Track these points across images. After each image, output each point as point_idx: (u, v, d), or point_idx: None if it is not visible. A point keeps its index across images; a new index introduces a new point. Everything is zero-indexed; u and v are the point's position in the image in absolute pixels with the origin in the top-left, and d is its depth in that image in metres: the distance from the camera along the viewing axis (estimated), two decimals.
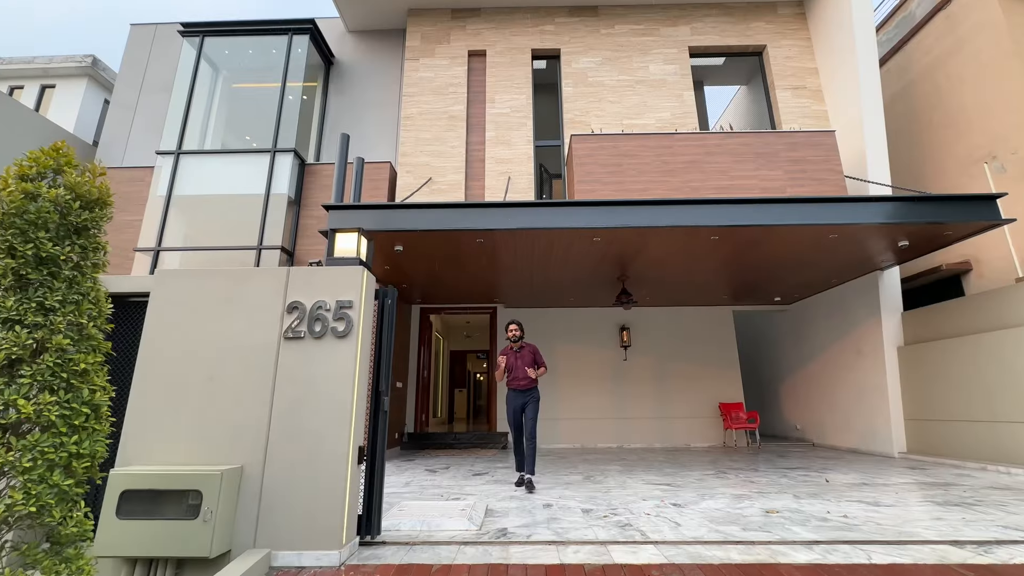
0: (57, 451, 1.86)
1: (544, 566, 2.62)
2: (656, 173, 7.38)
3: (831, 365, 8.84)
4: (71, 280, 2.05)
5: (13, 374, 1.85)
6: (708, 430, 9.32)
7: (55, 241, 2.03)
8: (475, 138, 8.91)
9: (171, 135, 8.55)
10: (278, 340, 2.96)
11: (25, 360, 1.88)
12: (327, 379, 2.92)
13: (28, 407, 1.80)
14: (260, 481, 2.75)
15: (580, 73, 9.16)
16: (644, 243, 6.27)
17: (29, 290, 1.94)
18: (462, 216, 5.84)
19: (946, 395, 6.64)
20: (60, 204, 2.07)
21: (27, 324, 1.90)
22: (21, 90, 12.02)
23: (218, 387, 2.89)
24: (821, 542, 2.94)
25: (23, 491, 1.76)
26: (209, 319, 2.99)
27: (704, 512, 3.80)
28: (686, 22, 9.42)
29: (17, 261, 1.93)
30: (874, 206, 5.72)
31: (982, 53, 7.74)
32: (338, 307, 2.97)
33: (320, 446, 2.83)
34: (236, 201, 8.11)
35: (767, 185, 7.34)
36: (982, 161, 7.67)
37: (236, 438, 2.82)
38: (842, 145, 8.19)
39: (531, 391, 5.19)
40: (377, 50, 10.03)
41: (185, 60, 9.03)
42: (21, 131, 8.97)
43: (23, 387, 1.83)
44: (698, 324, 9.77)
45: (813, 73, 9.03)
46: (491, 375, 9.96)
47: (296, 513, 2.71)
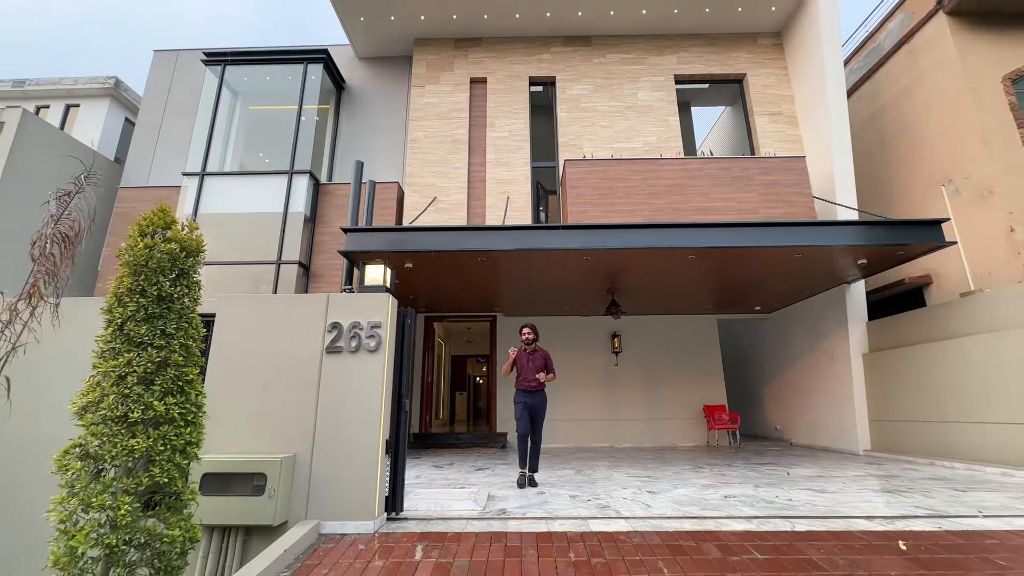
0: (178, 439, 2.55)
1: (536, 533, 3.32)
2: (642, 195, 8.09)
3: (807, 370, 9.54)
4: (181, 312, 2.75)
5: (148, 383, 2.54)
6: (693, 430, 10.00)
7: (171, 283, 2.72)
8: (476, 160, 9.62)
9: (196, 157, 9.25)
10: (321, 354, 3.66)
11: (154, 372, 2.57)
12: (361, 386, 3.61)
13: (160, 407, 2.49)
14: (309, 467, 3.44)
15: (574, 99, 9.89)
16: (630, 261, 6.98)
17: (155, 321, 2.63)
18: (466, 238, 6.54)
19: (904, 398, 7.34)
20: (171, 254, 2.76)
21: (155, 346, 2.59)
22: (47, 109, 12.70)
23: (272, 392, 3.58)
24: (759, 517, 3.64)
25: (159, 466, 2.45)
26: (264, 336, 3.68)
27: (673, 497, 4.49)
28: (672, 51, 10.16)
29: (146, 299, 2.62)
30: (833, 229, 6.43)
31: (939, 86, 8.48)
32: (370, 327, 3.67)
33: (356, 439, 3.53)
34: (256, 219, 8.80)
35: (743, 207, 8.05)
36: (941, 184, 8.40)
37: (288, 432, 3.51)
38: (814, 168, 8.94)
39: (540, 392, 5.35)
40: (385, 76, 10.76)
41: (208, 87, 9.74)
42: (51, 149, 9.64)
43: (155, 392, 2.52)
44: (684, 332, 10.46)
45: (789, 100, 9.77)
46: (491, 378, 10.66)
47: (338, 492, 3.40)
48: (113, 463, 2.40)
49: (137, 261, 2.67)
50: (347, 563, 2.86)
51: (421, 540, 3.23)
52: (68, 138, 10.11)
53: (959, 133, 8.14)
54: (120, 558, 2.32)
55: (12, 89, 12.58)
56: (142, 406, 2.47)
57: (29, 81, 12.60)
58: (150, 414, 2.47)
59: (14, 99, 12.73)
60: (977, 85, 8.03)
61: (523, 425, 5.30)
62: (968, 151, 7.98)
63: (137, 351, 2.55)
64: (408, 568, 2.79)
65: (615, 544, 3.09)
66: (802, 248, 6.41)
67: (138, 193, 9.50)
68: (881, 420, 7.82)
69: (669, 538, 3.19)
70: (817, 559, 2.80)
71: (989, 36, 8.25)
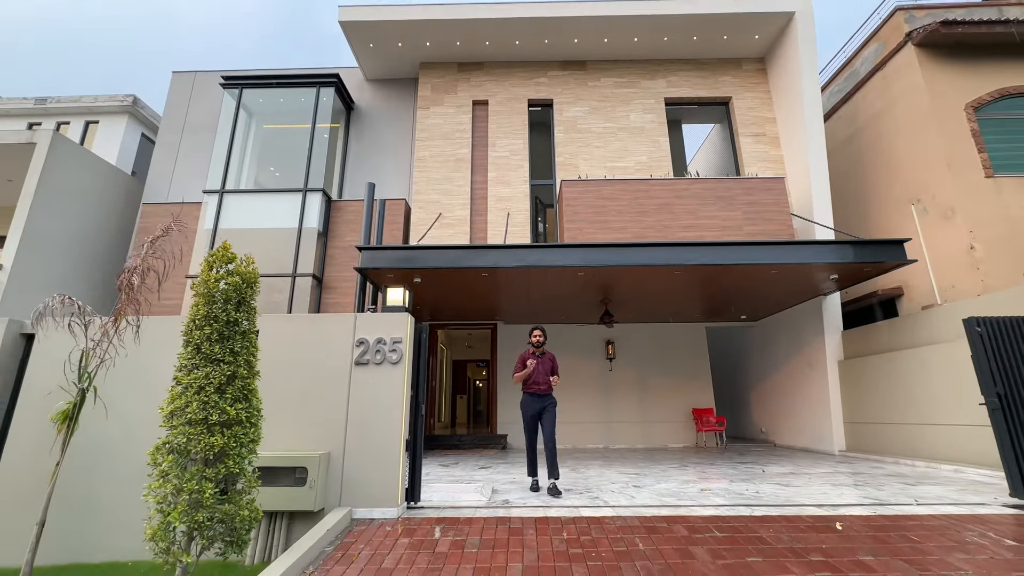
0: (244, 437, 3.16)
1: (534, 518, 3.92)
2: (633, 214, 8.72)
3: (789, 376, 10.16)
4: (243, 333, 3.35)
5: (222, 392, 3.14)
6: (683, 432, 10.60)
7: (235, 309, 3.33)
8: (479, 178, 10.25)
9: (215, 175, 9.85)
10: (350, 365, 4.26)
11: (225, 383, 3.17)
12: (384, 393, 4.21)
13: (232, 411, 3.09)
14: (342, 462, 4.04)
15: (570, 121, 10.53)
16: (620, 276, 7.60)
17: (224, 341, 3.23)
18: (470, 256, 7.16)
19: (874, 403, 7.96)
20: (235, 286, 3.36)
21: (225, 362, 3.19)
22: (67, 125, 13.27)
23: (310, 398, 4.18)
24: (726, 505, 4.25)
25: (232, 459, 3.05)
26: (301, 350, 4.28)
27: (655, 490, 5.09)
28: (663, 76, 10.81)
29: (218, 324, 3.22)
30: (806, 248, 7.07)
31: (908, 112, 9.14)
32: (392, 342, 4.28)
33: (380, 439, 4.12)
34: (273, 234, 9.40)
35: (727, 224, 8.69)
36: (911, 203, 9.05)
37: (323, 433, 4.11)
38: (794, 186, 9.60)
39: (549, 396, 5.31)
40: (392, 97, 11.39)
41: (226, 109, 10.36)
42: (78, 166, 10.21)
43: (227, 399, 3.12)
44: (674, 339, 11.07)
45: (771, 122, 10.43)
46: (491, 382, 11.24)
47: (366, 483, 4.00)
48: (197, 456, 3.00)
49: (209, 292, 3.28)
50: (379, 540, 3.46)
51: (438, 523, 3.83)
52: (94, 156, 10.68)
53: (926, 156, 8.79)
54: (204, 532, 2.92)
55: (35, 106, 13.18)
56: (218, 411, 3.07)
57: (51, 99, 13.19)
58: (224, 417, 3.07)
59: (36, 115, 13.33)
60: (942, 112, 8.68)
61: (530, 436, 5.30)
62: (934, 173, 8.63)
63: (212, 366, 3.16)
64: (430, 544, 3.39)
65: (601, 526, 3.69)
66: (778, 265, 7.04)
67: (160, 209, 10.09)
68: (855, 422, 8.43)
69: (646, 521, 3.79)
70: (766, 536, 3.41)
71: (953, 67, 8.91)
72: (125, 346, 3.67)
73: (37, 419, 4.13)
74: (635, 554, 3.13)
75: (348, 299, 9.29)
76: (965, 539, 3.32)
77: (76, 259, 9.94)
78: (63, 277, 9.58)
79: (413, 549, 3.32)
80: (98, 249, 10.42)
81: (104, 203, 10.65)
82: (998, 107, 8.72)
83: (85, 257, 10.12)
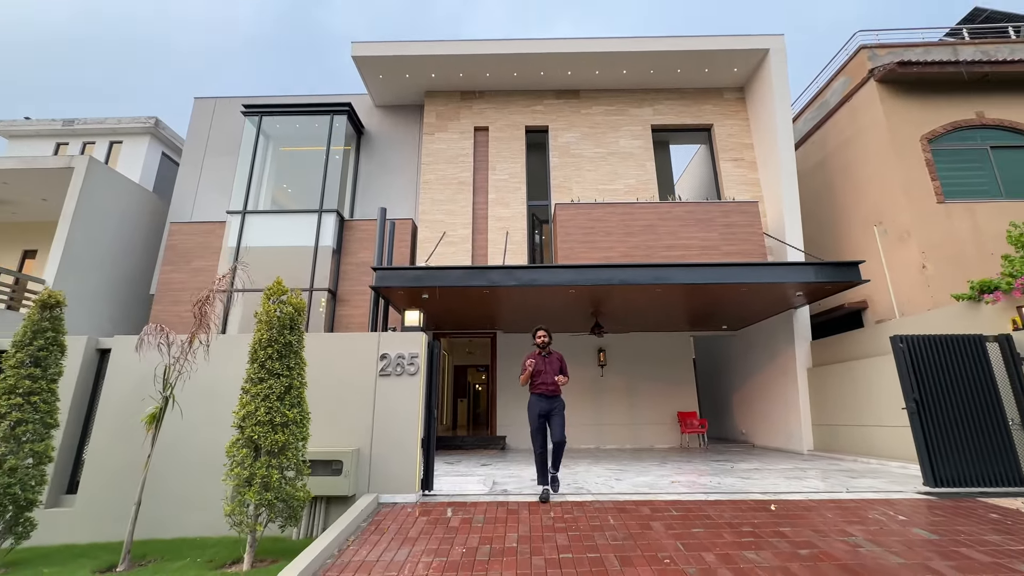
0: (299, 435, 4.01)
1: (528, 502, 4.77)
2: (620, 234, 9.60)
3: (766, 382, 11.03)
4: (295, 352, 4.21)
5: (282, 399, 3.99)
6: (669, 434, 11.46)
7: (289, 332, 4.18)
8: (480, 199, 11.12)
9: (238, 196, 10.72)
10: (375, 376, 5.12)
11: (284, 392, 4.02)
12: (404, 399, 5.07)
13: (290, 414, 3.95)
14: (369, 456, 4.89)
15: (564, 146, 11.42)
16: (608, 292, 8.46)
17: (282, 359, 4.09)
18: (472, 276, 8.01)
19: (837, 406, 8.83)
20: (290, 315, 4.22)
21: (283, 375, 4.05)
22: (93, 145, 14.13)
23: (343, 403, 5.04)
24: (688, 492, 5.10)
25: (291, 451, 3.90)
26: (335, 364, 5.14)
27: (633, 482, 5.95)
28: (649, 104, 11.72)
29: (277, 345, 4.08)
30: (774, 269, 7.96)
31: (871, 142, 10.05)
32: (410, 356, 5.14)
33: (401, 438, 4.98)
34: (292, 252, 10.26)
35: (706, 244, 9.57)
36: (873, 225, 9.94)
37: (354, 432, 4.96)
38: (770, 207, 10.50)
39: (557, 397, 5.17)
40: (399, 122, 12.28)
41: (247, 135, 11.23)
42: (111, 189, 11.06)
43: (286, 404, 3.98)
44: (661, 347, 11.94)
45: (749, 147, 11.33)
46: (490, 386, 12.08)
47: (390, 474, 4.85)
48: (264, 449, 3.85)
49: (270, 320, 4.14)
50: (402, 518, 4.32)
51: (449, 506, 4.68)
52: (123, 178, 11.53)
53: (886, 182, 9.69)
54: (271, 508, 3.78)
55: (63, 128, 14.04)
56: (280, 414, 3.93)
57: (77, 120, 14.05)
58: (284, 419, 3.93)
59: (63, 136, 14.20)
60: (900, 142, 9.59)
61: (538, 442, 5.05)
62: (892, 198, 9.53)
63: (274, 379, 4.02)
64: (443, 520, 4.24)
65: (581, 508, 4.55)
66: (747, 285, 7.92)
67: (187, 228, 10.92)
68: (821, 424, 9.29)
69: (619, 504, 4.65)
70: (712, 514, 4.26)
71: (911, 101, 9.82)
72: (196, 362, 4.52)
73: (114, 417, 4.98)
74: (606, 527, 3.99)
75: (360, 311, 10.14)
76: (869, 516, 4.18)
77: (107, 273, 10.78)
78: (95, 291, 10.42)
79: (431, 524, 4.17)
80: (126, 264, 11.27)
81: (131, 221, 11.50)
82: (950, 139, 9.63)
83: (115, 272, 10.97)
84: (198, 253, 10.59)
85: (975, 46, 10.26)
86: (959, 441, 5.20)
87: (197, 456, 4.77)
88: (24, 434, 4.05)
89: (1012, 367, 5.44)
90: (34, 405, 4.12)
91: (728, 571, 3.12)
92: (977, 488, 5.02)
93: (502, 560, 3.41)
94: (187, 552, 4.16)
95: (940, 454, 5.17)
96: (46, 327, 4.34)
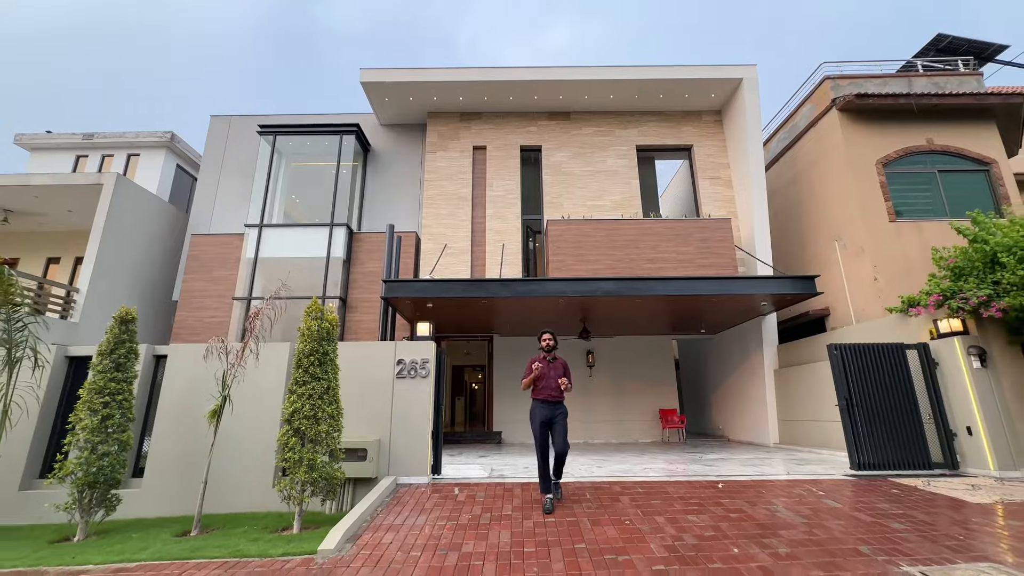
0: (335, 426, 4.97)
1: (521, 483, 5.76)
2: (606, 248, 10.60)
3: (739, 381, 12.08)
4: (331, 360, 5.16)
5: (321, 398, 4.94)
6: (652, 429, 12.48)
7: (327, 343, 5.14)
8: (478, 214, 12.08)
9: (255, 210, 11.61)
10: (393, 378, 6.08)
11: (323, 392, 4.97)
12: (417, 398, 6.03)
13: (329, 410, 4.90)
14: (388, 445, 5.86)
15: (556, 164, 12.40)
16: (595, 302, 9.45)
17: (322, 366, 5.04)
18: (472, 288, 8.99)
19: (799, 403, 9.87)
20: (327, 329, 5.17)
21: (323, 379, 5.00)
22: (112, 158, 14.96)
23: (365, 401, 5.99)
24: (655, 476, 6.11)
25: (329, 439, 4.86)
26: (360, 368, 6.09)
27: (611, 469, 6.94)
28: (635, 125, 12.72)
29: (318, 355, 5.03)
30: (740, 282, 8.97)
31: (832, 164, 11.10)
32: (422, 362, 6.10)
33: (414, 429, 5.94)
34: (306, 262, 11.17)
35: (682, 257, 10.58)
36: (834, 239, 10.99)
37: (375, 425, 5.92)
38: (743, 223, 11.53)
39: (560, 404, 5.03)
40: (403, 140, 13.21)
41: (263, 153, 12.12)
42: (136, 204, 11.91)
43: (326, 402, 4.93)
44: (645, 350, 12.96)
45: (726, 167, 12.36)
46: (486, 385, 13.05)
47: (406, 460, 5.82)
48: (308, 438, 4.81)
49: (311, 333, 5.09)
50: (418, 495, 5.29)
51: (456, 486, 5.66)
52: (147, 193, 12.38)
53: (844, 201, 10.74)
54: (315, 485, 4.73)
55: (83, 141, 14.85)
56: (320, 410, 4.88)
57: (97, 134, 14.86)
58: (324, 413, 4.88)
59: (83, 149, 15.01)
60: (857, 166, 10.63)
61: (541, 448, 4.94)
62: (850, 216, 10.57)
63: (316, 382, 4.97)
64: (452, 496, 5.22)
65: (564, 487, 5.53)
66: (715, 296, 8.93)
67: (208, 239, 11.80)
68: (786, 420, 10.34)
69: (596, 484, 5.64)
70: (670, 491, 5.27)
71: (868, 128, 10.87)
72: (247, 367, 5.45)
73: (172, 413, 5.90)
74: (583, 500, 4.98)
75: (369, 316, 11.07)
76: (794, 492, 5.20)
77: (132, 281, 11.64)
78: (123, 298, 11.27)
79: (442, 499, 5.15)
80: (149, 273, 12.14)
81: (153, 233, 12.37)
82: (902, 163, 10.68)
83: (139, 279, 11.83)
84: (218, 263, 11.48)
85: (927, 78, 11.32)
86: (880, 432, 6.24)
87: (243, 445, 5.71)
88: (111, 426, 4.98)
89: (927, 371, 6.49)
90: (118, 402, 5.06)
91: (672, 527, 4.12)
92: (892, 471, 6.06)
93: (500, 523, 4.39)
94: (242, 523, 5.10)
95: (864, 443, 6.21)
96: (125, 338, 5.27)
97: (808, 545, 3.72)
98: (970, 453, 6.15)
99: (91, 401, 4.95)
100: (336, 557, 3.75)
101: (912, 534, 3.90)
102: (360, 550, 3.87)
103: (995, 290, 6.12)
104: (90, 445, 4.84)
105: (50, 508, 4.81)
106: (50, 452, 5.87)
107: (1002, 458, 5.89)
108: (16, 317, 5.18)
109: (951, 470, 6.12)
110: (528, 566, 3.47)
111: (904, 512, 4.47)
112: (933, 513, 4.45)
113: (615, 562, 3.49)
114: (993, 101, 10.64)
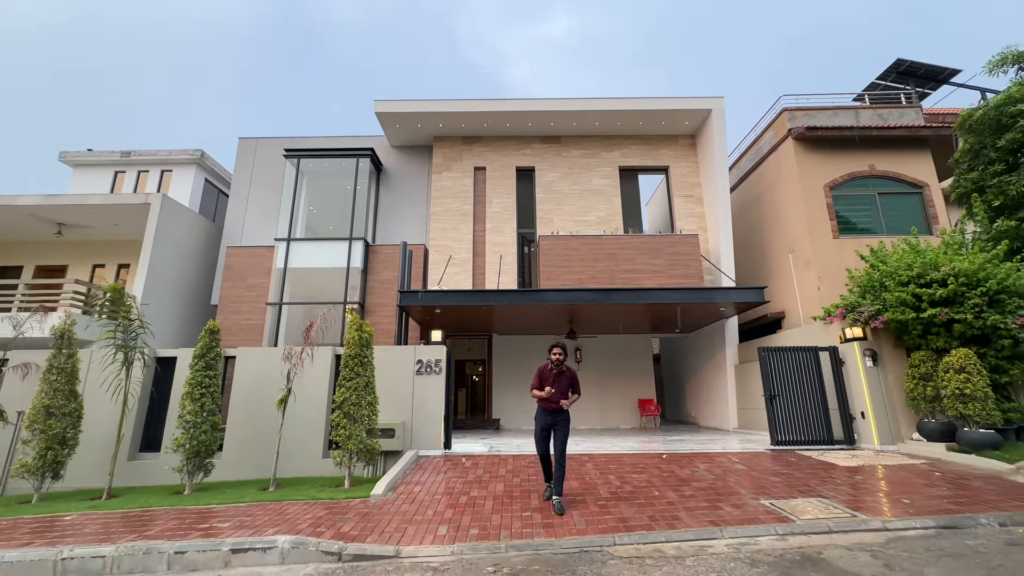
0: (373, 411, 6.67)
1: (514, 455, 7.48)
2: (589, 260, 12.25)
3: (708, 375, 13.80)
4: (369, 361, 6.85)
5: (364, 390, 6.62)
6: (632, 417, 14.20)
7: (366, 348, 6.82)
8: (479, 228, 13.71)
9: (283, 226, 13.24)
10: (413, 374, 7.77)
11: (364, 386, 6.66)
12: (433, 389, 7.73)
13: (368, 399, 6.60)
14: (411, 426, 7.57)
15: (548, 184, 14.01)
16: (579, 308, 11.12)
17: (362, 366, 6.72)
18: (474, 298, 10.65)
19: (753, 394, 11.57)
20: (367, 337, 6.84)
21: (364, 376, 6.69)
22: (147, 173, 16.53)
23: (393, 392, 7.69)
24: (619, 451, 7.82)
25: (370, 421, 6.56)
26: (388, 365, 7.78)
27: (587, 447, 8.65)
28: (617, 148, 14.31)
29: (360, 357, 6.71)
30: (700, 292, 10.64)
31: (788, 186, 12.72)
32: (436, 362, 7.79)
33: (431, 414, 7.65)
34: (328, 272, 12.82)
35: (655, 269, 12.23)
36: (789, 252, 12.65)
37: (400, 410, 7.63)
38: (712, 237, 13.17)
39: (561, 413, 5.17)
40: (411, 161, 14.80)
41: (288, 174, 13.72)
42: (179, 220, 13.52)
43: (366, 393, 6.62)
44: (627, 347, 14.64)
45: (698, 186, 13.98)
46: (486, 378, 14.76)
47: (425, 437, 7.54)
48: (354, 419, 6.50)
49: (355, 342, 6.77)
50: (435, 463, 7.00)
51: (463, 457, 7.37)
52: (187, 209, 14.00)
53: (797, 219, 12.38)
54: (360, 455, 6.44)
55: (121, 158, 16.42)
56: (363, 398, 6.58)
57: (134, 152, 16.43)
58: (365, 402, 6.58)
59: (121, 165, 16.58)
60: (808, 189, 12.26)
61: (541, 447, 5.31)
62: (800, 233, 12.22)
63: (359, 378, 6.66)
64: (461, 464, 6.93)
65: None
66: (681, 304, 10.61)
67: (241, 251, 13.42)
68: (744, 408, 12.07)
69: (571, 456, 7.33)
70: (625, 460, 6.98)
71: (818, 155, 12.48)
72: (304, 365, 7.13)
73: (242, 402, 7.60)
74: None
75: (384, 320, 12.73)
76: (718, 460, 6.91)
77: (175, 291, 13.28)
78: (168, 302, 12.94)
79: (453, 465, 6.86)
80: (188, 282, 13.78)
81: (192, 244, 14.00)
82: (847, 186, 12.31)
83: (180, 289, 13.47)
84: (251, 272, 13.13)
85: (872, 110, 12.91)
86: (796, 417, 7.96)
87: (301, 425, 7.41)
88: (206, 410, 6.68)
89: (835, 368, 8.19)
90: (210, 393, 6.75)
91: (618, 480, 5.83)
92: (801, 447, 7.79)
93: (496, 480, 6.11)
94: (304, 483, 6.82)
95: (782, 425, 7.93)
96: (212, 344, 6.95)
97: (707, 491, 5.44)
98: (864, 432, 7.87)
99: (192, 392, 6.65)
100: (383, 499, 5.47)
101: (781, 484, 5.62)
102: (399, 495, 5.59)
103: (883, 306, 7.79)
104: (193, 424, 6.54)
105: (168, 470, 6.54)
106: (147, 431, 7.59)
107: (883, 435, 7.61)
108: (131, 329, 6.84)
109: (849, 445, 7.85)
110: (515, 504, 5.19)
111: (788, 472, 6.19)
112: (809, 472, 6.17)
113: (574, 501, 5.21)
114: (926, 132, 12.25)
